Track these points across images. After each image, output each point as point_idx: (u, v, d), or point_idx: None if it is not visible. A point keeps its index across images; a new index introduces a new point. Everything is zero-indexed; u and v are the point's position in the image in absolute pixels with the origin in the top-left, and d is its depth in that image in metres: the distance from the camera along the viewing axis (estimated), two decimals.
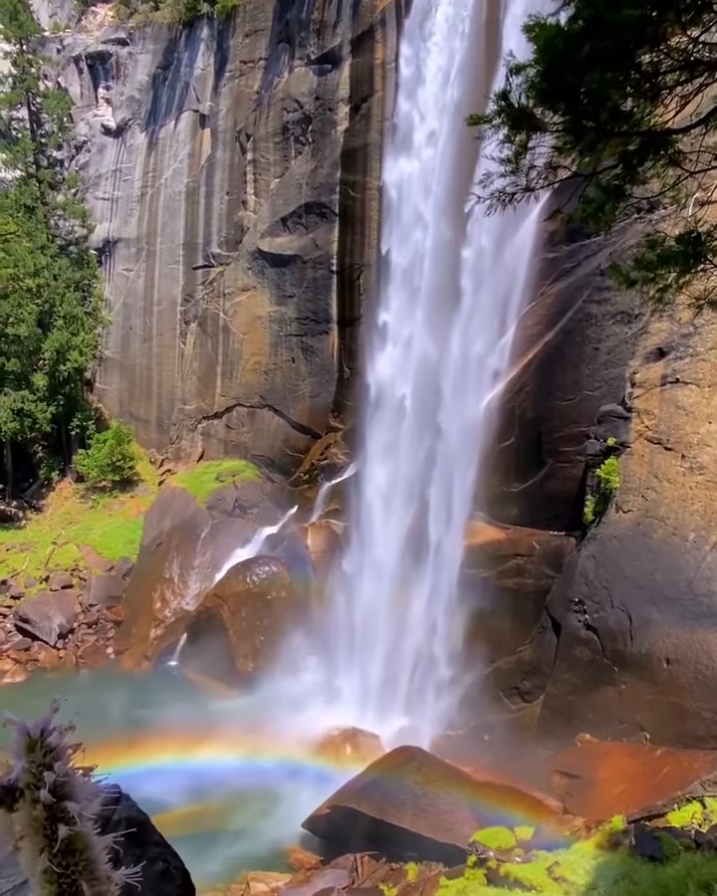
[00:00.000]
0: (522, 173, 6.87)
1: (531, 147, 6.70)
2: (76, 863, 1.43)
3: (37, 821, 1.36)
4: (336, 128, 36.81)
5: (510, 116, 6.40)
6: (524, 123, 6.43)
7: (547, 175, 6.86)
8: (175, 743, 26.94)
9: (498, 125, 6.51)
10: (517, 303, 27.36)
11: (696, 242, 7.24)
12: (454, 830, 19.99)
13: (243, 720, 27.89)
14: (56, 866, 1.38)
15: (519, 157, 6.74)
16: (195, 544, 38.17)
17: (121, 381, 48.58)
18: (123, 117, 47.98)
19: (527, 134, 6.56)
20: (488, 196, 7.07)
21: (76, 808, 1.41)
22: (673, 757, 19.08)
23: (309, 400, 38.45)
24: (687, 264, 7.36)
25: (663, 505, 21.50)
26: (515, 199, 7.04)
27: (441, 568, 27.69)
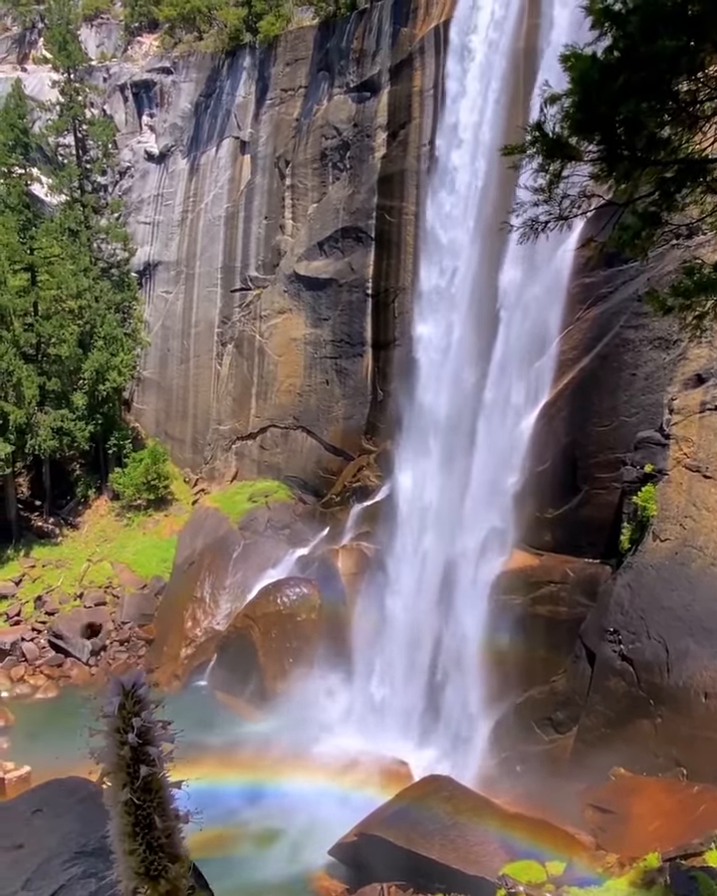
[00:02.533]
0: (555, 202, 6.88)
1: (566, 176, 6.72)
2: (151, 800, 1.68)
3: (123, 760, 1.62)
4: (373, 155, 37.26)
5: (544, 146, 6.43)
6: (558, 153, 6.45)
7: (580, 204, 6.86)
8: (203, 764, 26.83)
9: (532, 155, 6.54)
10: (554, 328, 27.26)
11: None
12: (483, 863, 19.59)
13: (271, 743, 27.75)
14: (135, 800, 1.62)
15: (552, 186, 6.76)
16: (227, 563, 38.30)
17: (158, 401, 49.22)
18: (166, 144, 49.09)
19: (561, 164, 6.58)
20: (522, 225, 7.08)
21: (156, 752, 1.66)
22: (711, 794, 18.56)
23: (342, 422, 38.58)
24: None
25: (702, 534, 21.09)
26: (548, 227, 7.05)
27: (474, 594, 27.39)
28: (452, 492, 29.50)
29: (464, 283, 30.58)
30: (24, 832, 4.13)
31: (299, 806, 24.76)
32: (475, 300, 29.72)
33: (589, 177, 6.93)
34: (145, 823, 1.70)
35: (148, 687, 1.76)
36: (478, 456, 28.66)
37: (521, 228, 7.08)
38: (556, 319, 27.15)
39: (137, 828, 1.70)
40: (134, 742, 1.67)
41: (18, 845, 3.64)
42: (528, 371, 27.89)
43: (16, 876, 3.35)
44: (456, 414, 30.07)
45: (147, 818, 1.70)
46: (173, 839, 1.76)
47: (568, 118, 6.20)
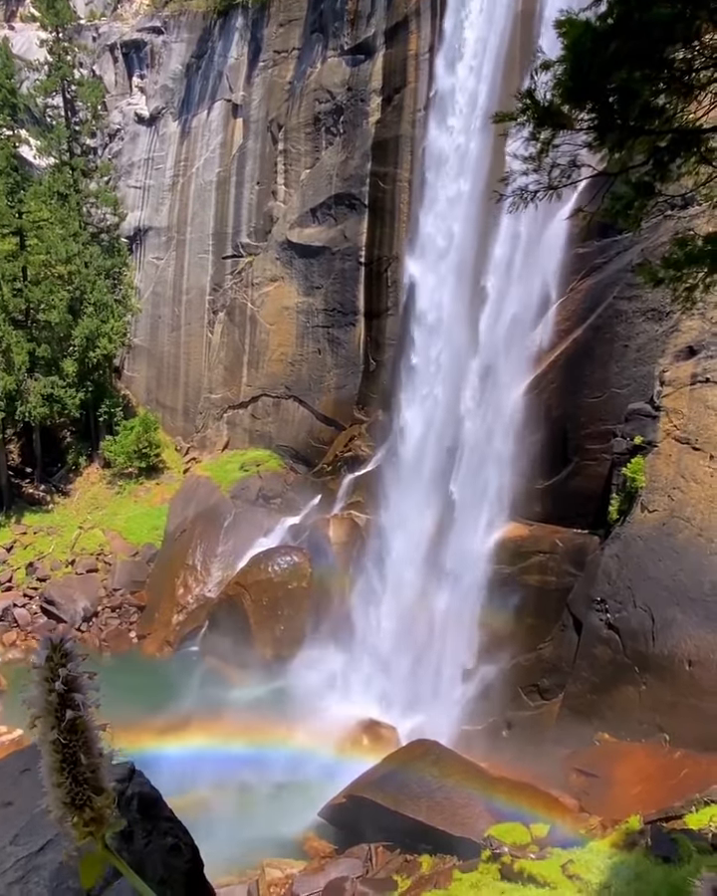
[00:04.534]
0: (544, 171, 6.81)
1: (556, 145, 6.64)
2: (77, 739, 1.91)
3: (51, 705, 1.89)
4: (367, 119, 36.67)
5: (535, 114, 6.34)
6: (548, 121, 6.37)
7: (570, 174, 6.79)
8: (194, 728, 27.27)
9: (523, 123, 6.45)
10: (548, 297, 27.15)
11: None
12: (469, 825, 20.03)
13: (262, 708, 28.15)
14: (62, 739, 1.89)
15: (542, 155, 6.69)
16: (218, 532, 38.47)
17: (149, 369, 48.96)
18: (157, 106, 48.15)
19: (552, 132, 6.50)
20: (511, 193, 7.02)
21: (81, 698, 1.91)
22: (692, 759, 18.97)
23: (334, 392, 38.50)
24: (716, 263, 7.25)
25: (689, 505, 21.29)
26: (537, 197, 6.98)
27: (464, 564, 27.65)
28: (445, 461, 29.61)
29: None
30: (13, 791, 4.23)
31: (288, 770, 25.22)
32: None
33: (581, 146, 6.85)
34: (72, 760, 1.93)
35: (74, 642, 2.03)
36: (468, 426, 28.70)
37: (510, 197, 7.01)
38: (551, 289, 27.03)
39: (64, 764, 1.92)
40: (61, 689, 1.91)
41: (7, 803, 3.74)
42: (520, 342, 27.82)
43: (5, 832, 3.49)
44: (448, 379, 30.07)
45: (73, 756, 1.93)
46: (98, 774, 1.97)
47: (559, 86, 6.11)
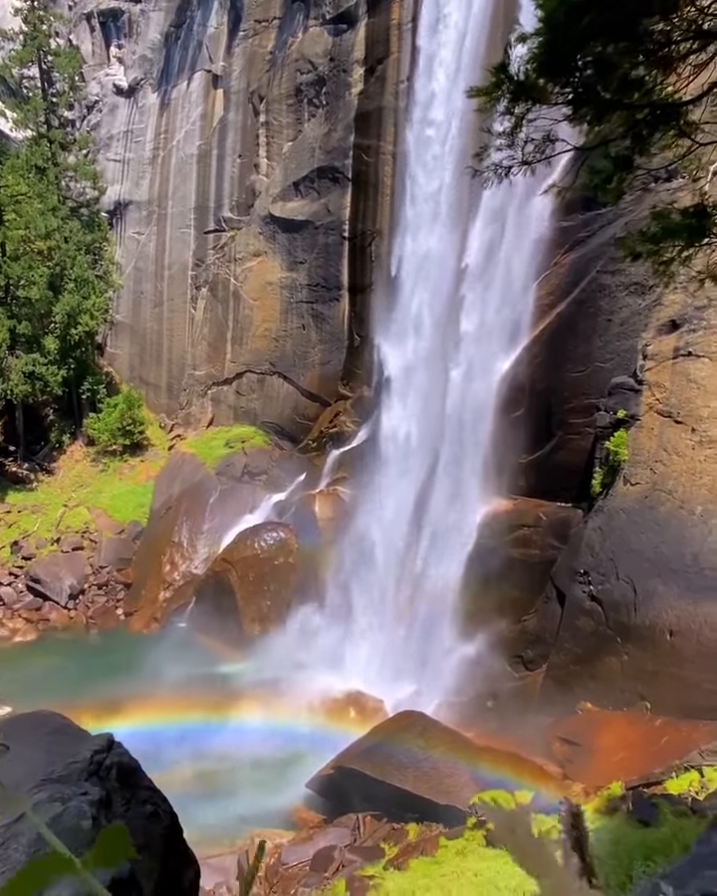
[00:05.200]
0: (518, 147, 6.76)
1: (532, 120, 6.59)
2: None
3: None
4: (350, 91, 36.18)
5: (510, 89, 6.28)
6: (524, 96, 6.31)
7: (544, 149, 6.76)
8: (183, 704, 27.47)
9: (498, 98, 6.39)
10: (532, 272, 27.11)
11: (701, 215, 7.13)
12: (455, 793, 20.40)
13: (250, 682, 28.40)
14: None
15: (516, 131, 6.64)
16: (204, 509, 38.48)
17: (132, 346, 48.56)
18: (135, 77, 47.24)
19: (526, 107, 6.45)
20: (485, 169, 6.98)
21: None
22: (673, 726, 19.35)
23: (318, 368, 38.38)
24: (692, 238, 7.25)
25: (671, 478, 21.51)
26: (511, 173, 6.94)
27: (448, 538, 27.85)
28: (429, 438, 29.70)
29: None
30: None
31: (276, 743, 25.49)
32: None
33: (557, 121, 6.80)
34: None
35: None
36: (451, 401, 28.76)
37: (485, 173, 6.96)
38: (534, 264, 26.97)
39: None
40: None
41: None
42: (504, 319, 27.81)
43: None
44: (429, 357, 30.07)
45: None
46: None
47: (534, 60, 6.04)
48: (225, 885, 20.66)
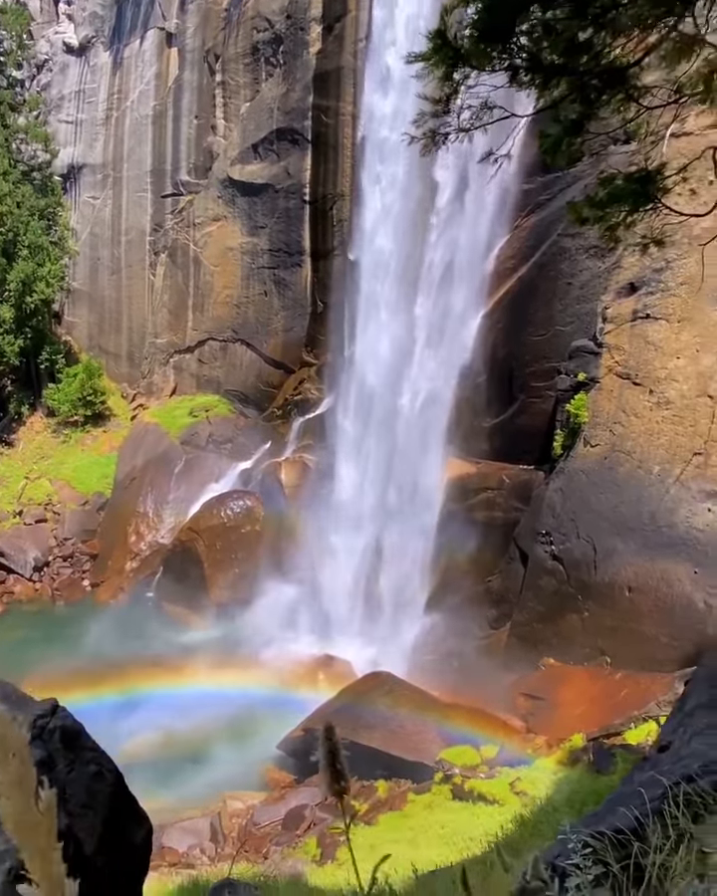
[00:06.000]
0: (454, 114, 6.67)
1: (471, 86, 6.50)
2: None
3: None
4: (308, 50, 35.39)
5: (447, 55, 6.18)
6: (462, 63, 6.21)
7: (481, 116, 6.68)
8: (153, 672, 27.58)
9: (436, 64, 6.28)
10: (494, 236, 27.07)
11: (646, 181, 7.16)
12: (422, 750, 20.90)
13: (219, 649, 28.58)
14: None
15: (451, 98, 6.54)
16: (169, 478, 38.27)
17: (91, 314, 47.63)
18: (86, 35, 45.66)
19: (463, 75, 6.36)
20: (422, 136, 6.88)
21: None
22: (632, 679, 19.96)
23: (282, 335, 38.07)
24: (637, 203, 7.28)
25: (630, 439, 21.88)
26: (449, 140, 6.86)
27: (414, 502, 28.10)
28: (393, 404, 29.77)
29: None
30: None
31: (247, 707, 25.77)
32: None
33: (496, 87, 6.69)
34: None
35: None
36: (416, 368, 28.80)
37: (421, 140, 6.86)
38: (496, 227, 26.91)
39: None
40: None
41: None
42: (465, 283, 27.78)
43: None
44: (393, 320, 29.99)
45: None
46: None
47: (474, 26, 5.92)
48: (198, 847, 21.01)
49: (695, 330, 21.25)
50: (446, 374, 27.69)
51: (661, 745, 2.76)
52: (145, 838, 3.05)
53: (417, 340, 28.92)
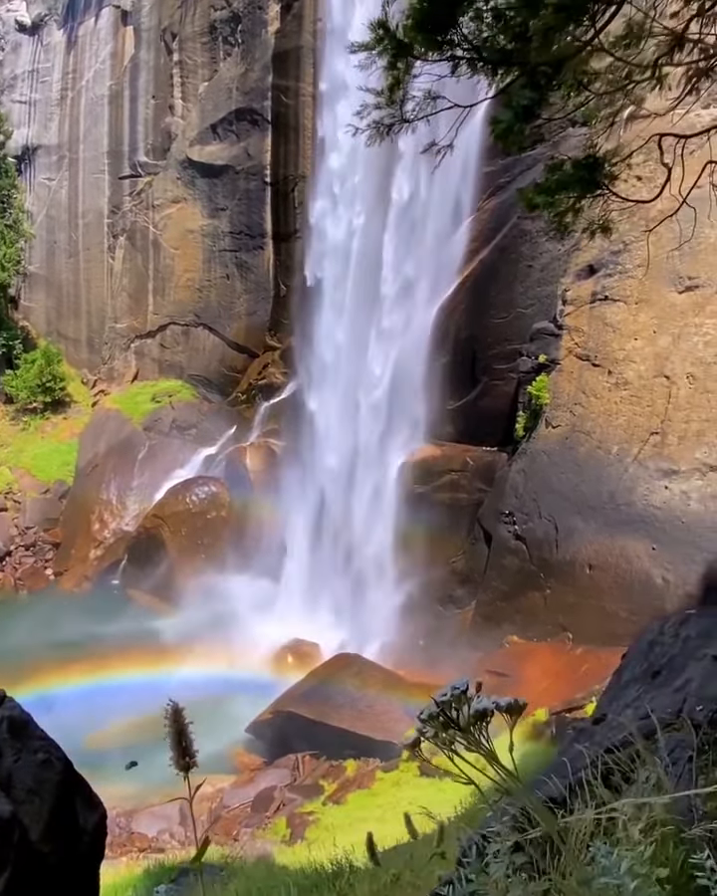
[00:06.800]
0: (397, 105, 6.64)
1: (416, 75, 6.46)
2: None
3: None
4: (266, 29, 34.89)
5: (391, 46, 6.14)
6: (404, 53, 6.18)
7: (425, 106, 6.65)
8: (120, 659, 27.48)
9: (380, 54, 6.24)
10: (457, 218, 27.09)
11: (593, 168, 7.21)
12: (390, 729, 21.17)
13: (186, 635, 28.54)
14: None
15: (394, 90, 6.51)
16: (132, 465, 37.92)
17: (48, 299, 46.76)
18: (39, 13, 44.50)
19: (406, 65, 6.32)
20: (366, 128, 6.84)
21: None
22: (593, 654, 20.37)
23: (245, 318, 37.77)
24: (584, 190, 7.32)
25: (589, 420, 22.19)
26: (392, 131, 6.83)
27: (379, 484, 28.23)
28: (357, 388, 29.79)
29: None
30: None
31: (215, 691, 25.81)
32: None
33: (440, 77, 6.66)
34: None
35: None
36: (379, 351, 28.83)
37: (366, 131, 6.82)
38: (459, 210, 26.92)
39: None
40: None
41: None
42: (428, 266, 27.81)
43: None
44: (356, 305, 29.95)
45: None
46: None
47: (412, 16, 5.87)
48: (168, 832, 21.09)
49: (652, 311, 21.56)
50: (410, 357, 27.75)
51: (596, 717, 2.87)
52: (98, 824, 3.09)
53: (380, 324, 28.92)
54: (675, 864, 1.41)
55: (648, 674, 2.68)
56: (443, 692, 1.98)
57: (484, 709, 1.78)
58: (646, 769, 1.65)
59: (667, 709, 2.06)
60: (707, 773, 1.65)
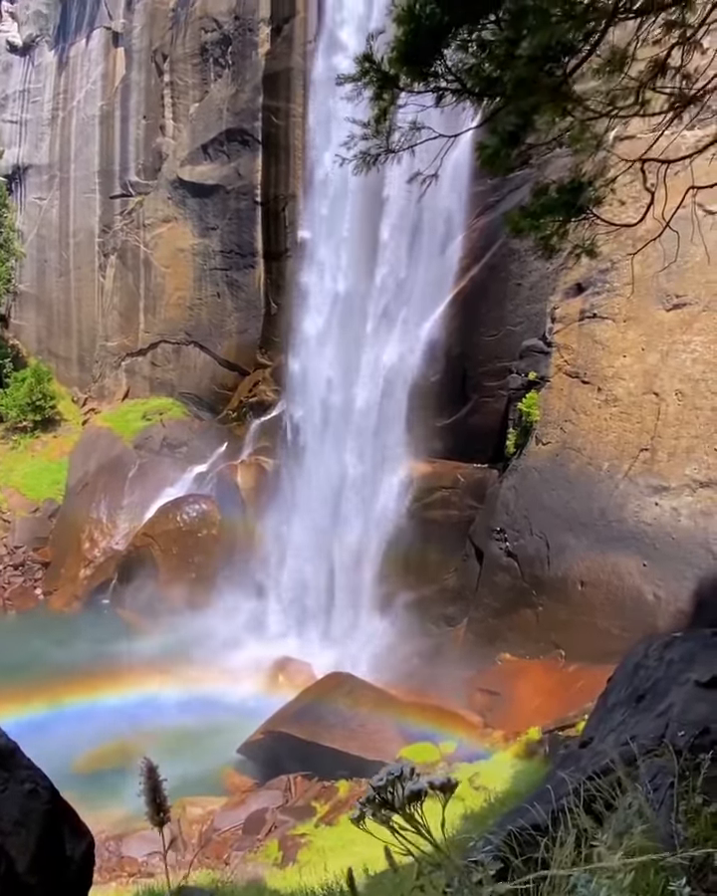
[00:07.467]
0: (383, 136, 6.74)
1: (401, 105, 6.57)
2: None
3: None
4: (257, 51, 35.29)
5: (376, 78, 6.24)
6: (389, 85, 6.28)
7: (410, 136, 6.76)
8: (110, 679, 27.24)
9: (366, 86, 6.34)
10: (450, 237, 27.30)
11: (578, 191, 7.30)
12: (382, 748, 20.98)
13: (177, 654, 28.32)
14: None
15: (379, 121, 6.61)
16: (123, 484, 37.79)
17: (39, 317, 46.79)
18: (30, 34, 44.89)
19: (391, 98, 6.42)
20: (352, 158, 6.93)
21: None
22: (585, 671, 20.31)
23: (236, 336, 37.87)
24: (569, 214, 7.41)
25: (579, 436, 22.28)
26: (379, 161, 6.93)
27: (370, 502, 28.20)
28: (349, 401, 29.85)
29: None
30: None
31: (206, 713, 25.61)
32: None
33: (425, 107, 6.76)
34: None
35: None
36: (371, 368, 28.92)
37: (353, 161, 6.91)
38: (451, 229, 27.15)
39: None
40: None
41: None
42: (420, 284, 27.99)
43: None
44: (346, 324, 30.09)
45: None
46: None
47: (396, 49, 5.97)
48: (158, 855, 20.81)
49: (640, 329, 21.73)
50: (401, 375, 27.85)
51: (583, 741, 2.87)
52: (86, 852, 3.06)
53: (371, 341, 29.04)
54: (654, 891, 1.42)
55: (633, 698, 2.69)
56: (380, 777, 2.12)
57: (418, 790, 1.95)
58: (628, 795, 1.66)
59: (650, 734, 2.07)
60: (688, 798, 1.67)
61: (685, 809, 1.59)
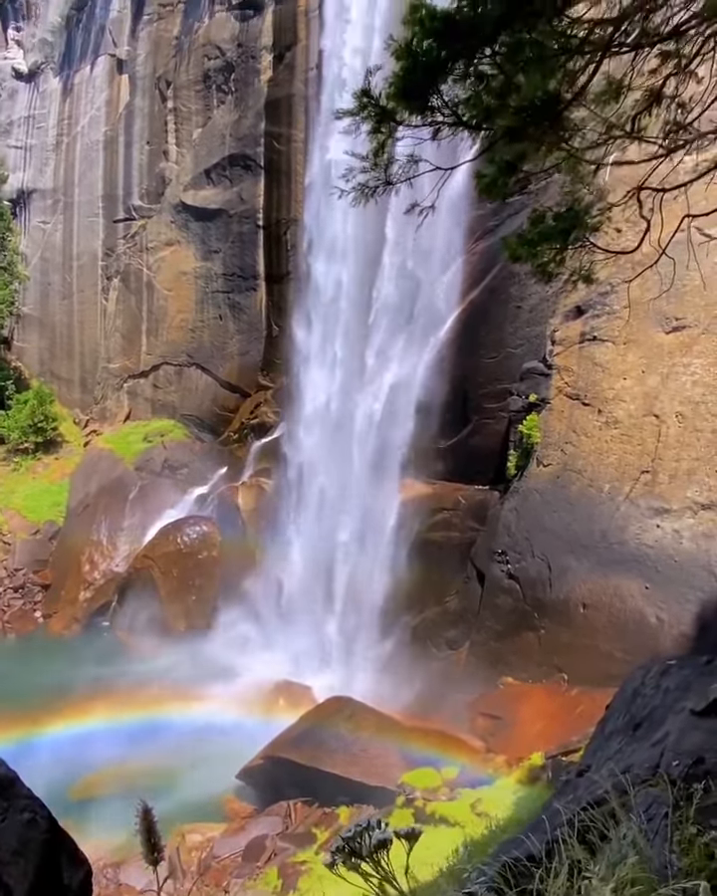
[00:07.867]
0: (381, 168, 6.87)
1: (399, 138, 6.70)
2: None
3: None
4: (259, 78, 35.84)
5: (374, 112, 6.37)
6: (387, 119, 6.42)
7: (408, 169, 6.88)
8: (109, 703, 27.03)
9: (364, 120, 6.47)
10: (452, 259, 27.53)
11: (575, 219, 7.39)
12: (384, 774, 20.75)
13: (177, 678, 28.12)
14: None
15: (378, 155, 6.74)
16: (123, 505, 37.76)
17: (41, 339, 47.07)
18: (36, 61, 45.62)
19: (389, 131, 6.56)
20: (351, 190, 7.06)
21: None
22: (588, 695, 20.13)
23: (237, 358, 38.06)
24: (566, 241, 7.50)
25: (580, 458, 22.28)
26: (377, 193, 7.05)
27: (371, 524, 28.14)
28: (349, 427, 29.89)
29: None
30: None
31: (205, 737, 25.38)
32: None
33: (422, 140, 6.88)
34: None
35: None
36: (371, 389, 29.02)
37: (351, 193, 7.03)
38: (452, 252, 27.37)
39: None
40: None
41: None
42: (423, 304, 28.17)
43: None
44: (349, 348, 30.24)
45: None
46: None
47: (393, 84, 6.11)
48: (156, 882, 20.53)
49: (640, 351, 21.82)
50: (401, 397, 27.94)
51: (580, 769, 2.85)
52: (83, 881, 3.05)
53: (371, 363, 29.17)
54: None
55: (630, 726, 2.68)
56: (348, 829, 2.29)
57: (384, 839, 2.09)
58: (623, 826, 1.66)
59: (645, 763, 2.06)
60: (682, 828, 1.67)
61: (679, 840, 1.59)
